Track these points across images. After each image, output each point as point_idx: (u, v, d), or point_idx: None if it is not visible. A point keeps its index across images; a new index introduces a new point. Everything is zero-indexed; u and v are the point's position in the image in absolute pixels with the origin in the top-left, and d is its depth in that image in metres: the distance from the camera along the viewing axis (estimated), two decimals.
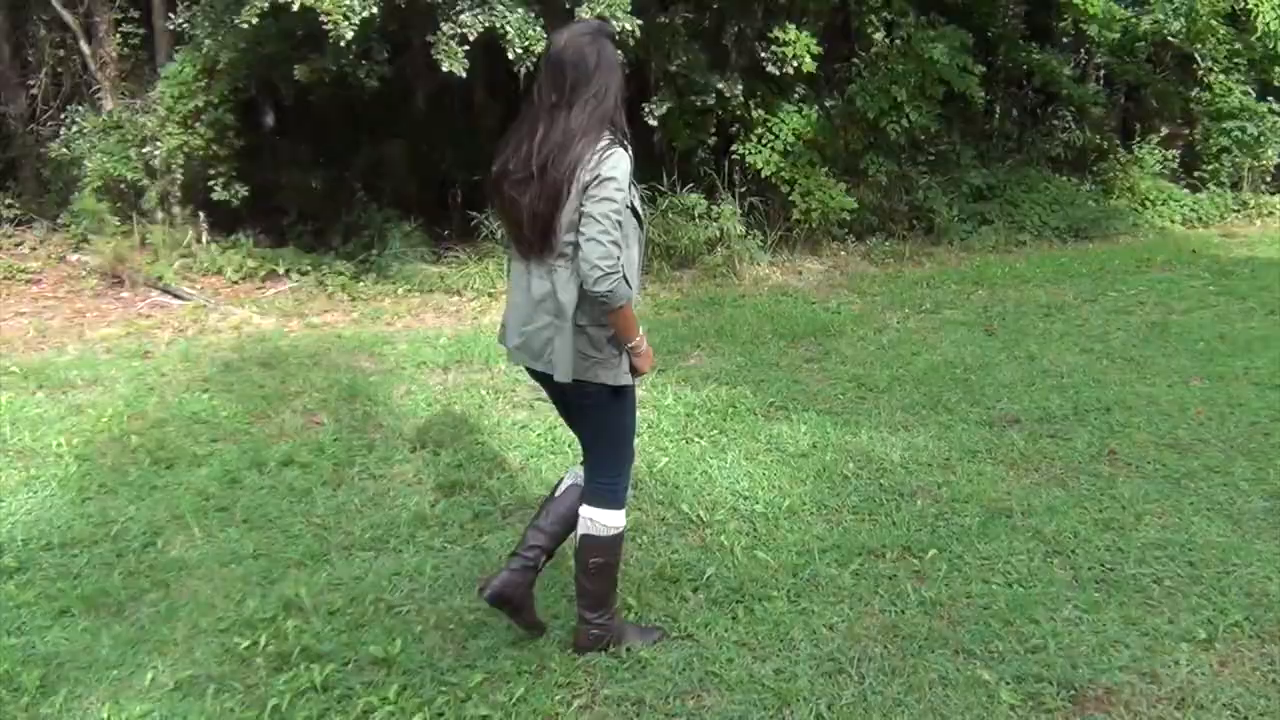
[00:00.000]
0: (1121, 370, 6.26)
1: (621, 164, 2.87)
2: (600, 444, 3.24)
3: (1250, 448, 4.99)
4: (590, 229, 2.83)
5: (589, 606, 3.30)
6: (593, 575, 3.27)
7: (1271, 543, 4.03)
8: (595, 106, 2.90)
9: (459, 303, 8.61)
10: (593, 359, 3.01)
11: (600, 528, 3.23)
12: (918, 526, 4.19)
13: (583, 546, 3.25)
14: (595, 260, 2.82)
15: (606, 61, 2.94)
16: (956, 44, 9.66)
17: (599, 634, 3.33)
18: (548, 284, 2.98)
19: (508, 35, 7.26)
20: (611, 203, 2.84)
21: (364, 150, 11.03)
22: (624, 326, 2.98)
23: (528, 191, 2.91)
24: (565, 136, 2.87)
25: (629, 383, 3.10)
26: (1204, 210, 11.78)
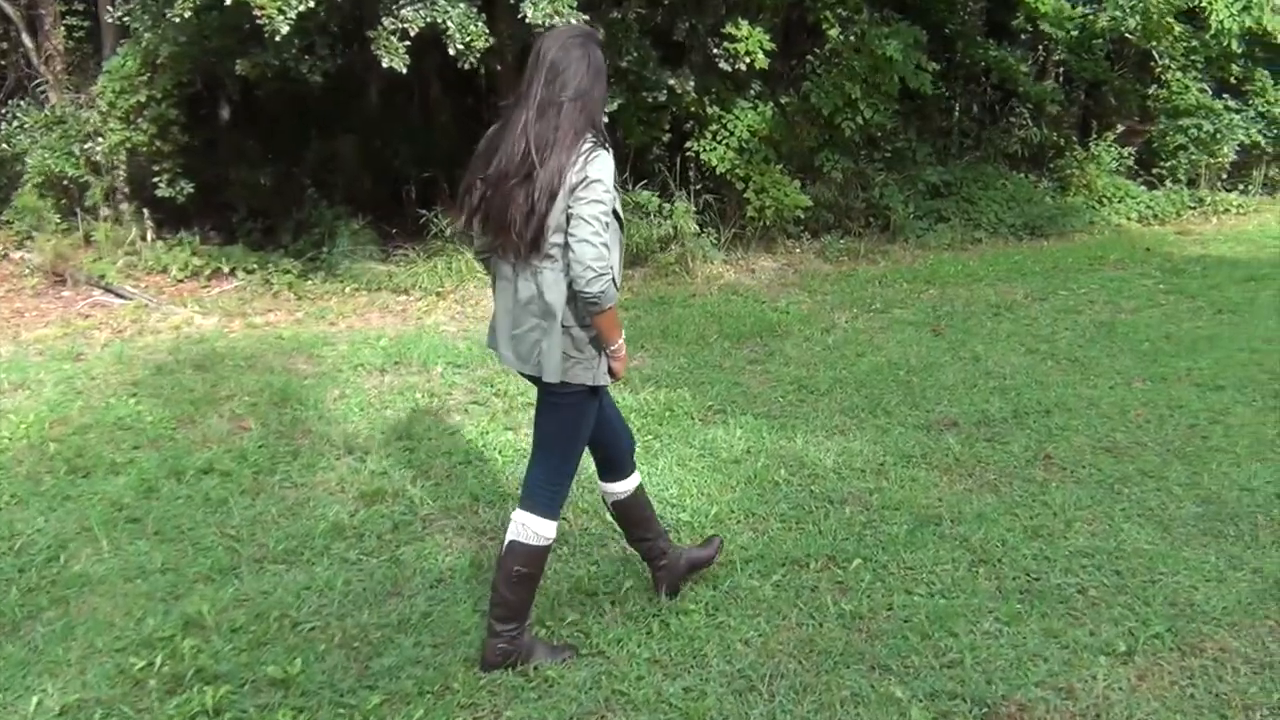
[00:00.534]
0: (1065, 371, 6.21)
1: (606, 166, 2.91)
2: (554, 447, 3.22)
3: (1187, 451, 4.94)
4: (581, 230, 2.85)
5: (502, 618, 3.23)
6: (513, 583, 3.22)
7: (1200, 550, 3.98)
8: (581, 109, 2.94)
9: (406, 302, 8.48)
10: (574, 359, 3.04)
11: (531, 535, 3.20)
12: (844, 535, 4.12)
13: (509, 551, 3.21)
14: (589, 261, 2.85)
15: (594, 66, 2.99)
16: (911, 41, 9.60)
17: (507, 649, 3.24)
18: (533, 286, 2.99)
19: (449, 30, 7.13)
20: (600, 204, 2.87)
21: (314, 146, 10.88)
22: (608, 328, 3.02)
23: (522, 191, 2.91)
24: (554, 136, 2.90)
25: (606, 383, 3.14)
26: (1160, 208, 11.78)
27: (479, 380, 6.17)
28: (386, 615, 3.57)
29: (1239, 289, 8.22)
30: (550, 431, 3.22)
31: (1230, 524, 4.19)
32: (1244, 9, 10.28)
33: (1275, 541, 4.03)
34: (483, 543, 4.13)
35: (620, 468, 3.50)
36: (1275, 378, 5.99)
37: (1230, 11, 10.24)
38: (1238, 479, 4.62)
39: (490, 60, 9.00)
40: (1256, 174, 12.81)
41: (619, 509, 3.56)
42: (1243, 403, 5.60)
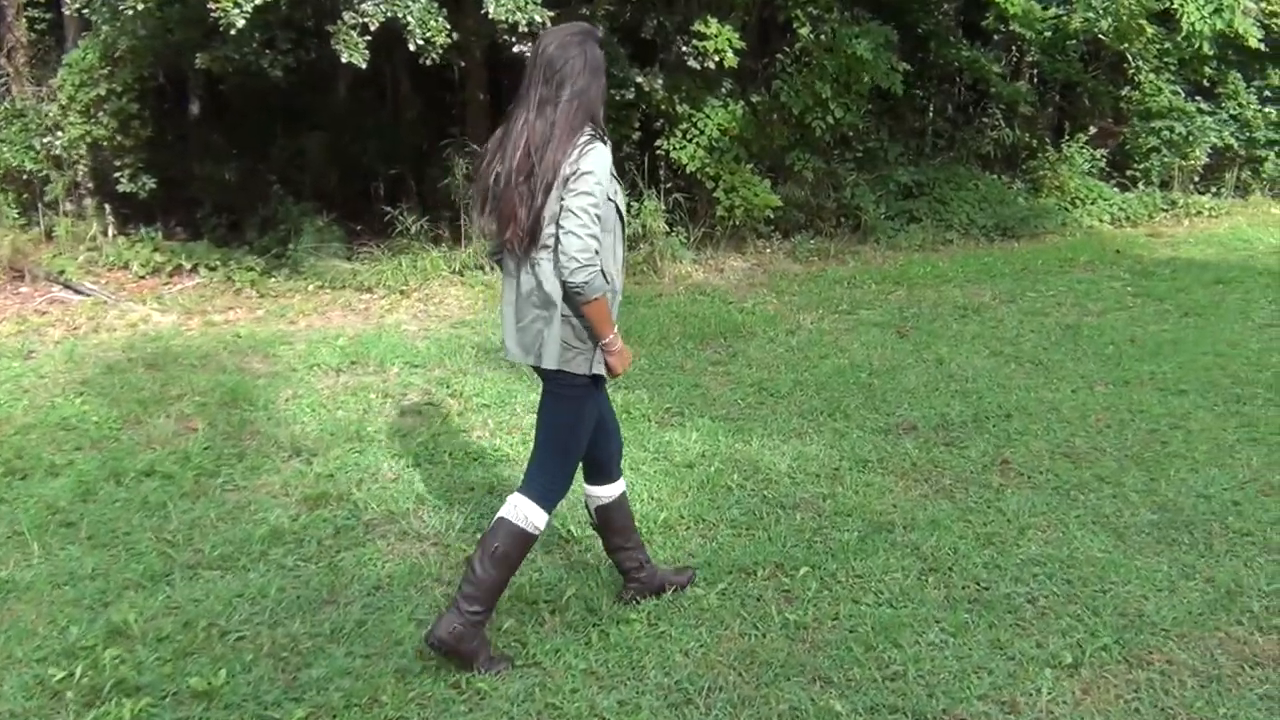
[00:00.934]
0: (1028, 375, 6.15)
1: (601, 159, 2.97)
2: (555, 439, 3.26)
3: (1145, 457, 4.89)
4: (569, 222, 2.92)
5: (469, 596, 3.17)
6: (491, 560, 3.18)
7: (1153, 558, 3.92)
8: (579, 106, 2.99)
9: (369, 300, 8.37)
10: (575, 349, 3.08)
11: (521, 517, 3.21)
12: (794, 542, 4.04)
13: (494, 528, 3.22)
14: (573, 252, 2.91)
15: (592, 63, 3.05)
16: (882, 40, 9.53)
17: (460, 631, 3.14)
18: (533, 278, 3.05)
19: (409, 26, 7.02)
20: (589, 196, 2.93)
21: (280, 142, 10.74)
22: (597, 320, 3.04)
23: (525, 188, 2.97)
24: (551, 133, 2.96)
25: (603, 372, 3.16)
26: (1132, 210, 11.76)
27: (435, 381, 6.07)
28: (319, 624, 3.48)
29: (1206, 292, 8.19)
30: (552, 423, 3.26)
31: (1185, 532, 4.13)
32: (1215, 11, 10.26)
33: (1229, 550, 3.98)
34: (424, 549, 4.03)
35: (607, 472, 3.49)
36: (1238, 382, 5.95)
37: (1201, 14, 10.21)
38: (1195, 485, 4.56)
39: (459, 57, 8.90)
40: (1229, 176, 12.80)
41: (601, 514, 3.53)
42: (1204, 407, 5.55)
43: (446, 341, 6.94)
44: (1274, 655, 3.31)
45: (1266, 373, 6.09)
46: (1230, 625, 3.47)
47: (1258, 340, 6.78)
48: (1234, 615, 3.53)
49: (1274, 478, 4.65)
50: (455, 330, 7.31)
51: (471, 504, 4.39)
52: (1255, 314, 7.50)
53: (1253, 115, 12.51)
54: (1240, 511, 4.31)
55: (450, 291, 8.53)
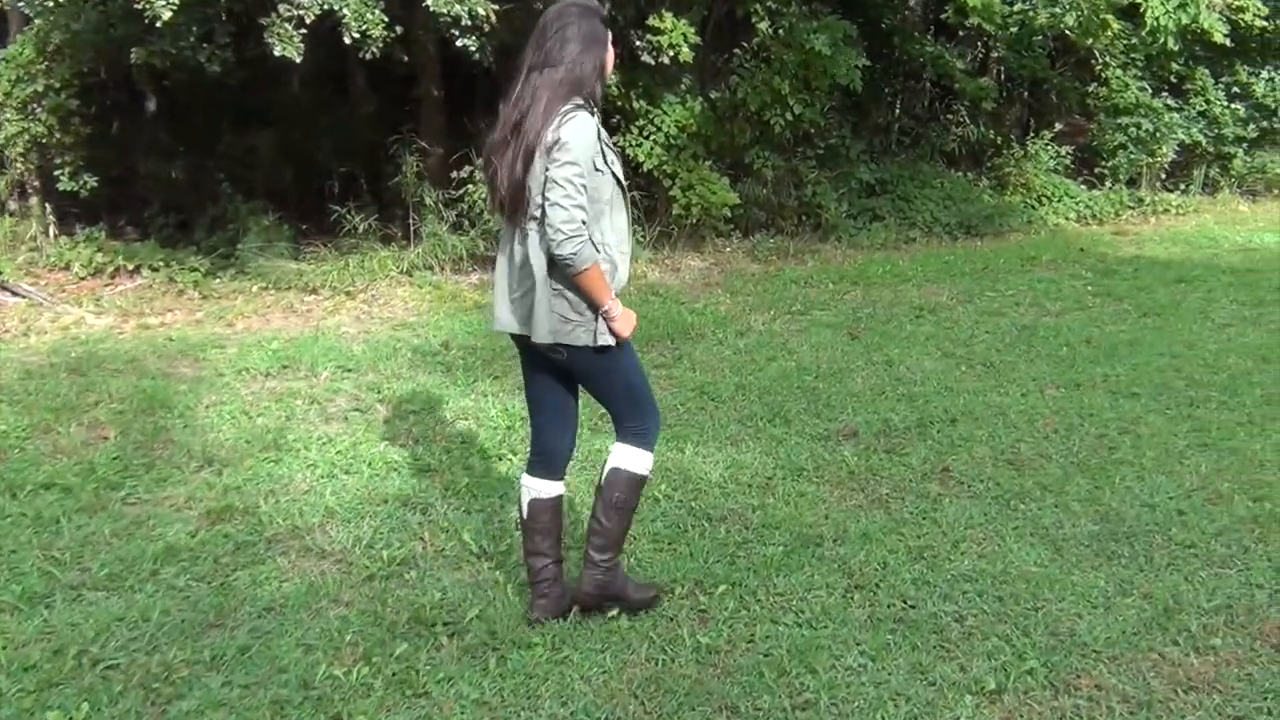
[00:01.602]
0: (978, 377, 5.98)
1: (582, 127, 2.94)
2: (616, 400, 3.28)
3: (1091, 464, 4.72)
4: (553, 193, 2.89)
5: (600, 546, 3.32)
6: (613, 510, 3.29)
7: (1090, 572, 3.74)
8: (568, 74, 2.97)
9: (313, 302, 8.14)
10: (574, 322, 3.05)
11: (632, 463, 3.27)
12: (717, 557, 3.85)
13: (609, 481, 3.28)
14: (558, 224, 2.89)
15: (588, 35, 3.03)
16: (840, 35, 9.35)
17: (603, 579, 3.33)
18: (524, 249, 3.05)
19: (345, 19, 6.80)
20: (574, 166, 2.89)
21: (228, 139, 10.49)
22: (592, 290, 3.00)
23: (510, 154, 2.97)
24: (534, 98, 2.96)
25: (610, 343, 3.11)
26: (1099, 207, 11.63)
27: (366, 386, 5.86)
28: (200, 650, 3.26)
29: (1167, 291, 8.04)
30: (603, 391, 3.29)
31: (1126, 544, 3.95)
32: (1180, 6, 10.13)
33: (1170, 564, 3.80)
34: (325, 567, 3.82)
35: (552, 467, 3.41)
36: (1192, 384, 5.79)
37: (1166, 9, 10.08)
38: (1140, 494, 4.39)
39: (405, 51, 8.67)
40: (1196, 174, 12.69)
41: (532, 509, 3.39)
42: (1156, 411, 5.39)
43: (384, 344, 6.72)
44: (1209, 678, 3.13)
45: (1222, 375, 5.93)
46: (1165, 646, 3.29)
47: (1215, 341, 6.63)
48: (1170, 635, 3.35)
49: (1222, 485, 4.48)
50: (395, 333, 7.09)
51: (382, 517, 4.18)
52: (1215, 314, 7.35)
53: (1220, 112, 12.40)
54: (1185, 522, 4.13)
55: (397, 293, 8.31)
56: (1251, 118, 12.64)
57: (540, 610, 3.39)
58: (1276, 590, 3.62)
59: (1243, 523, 4.12)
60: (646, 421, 3.30)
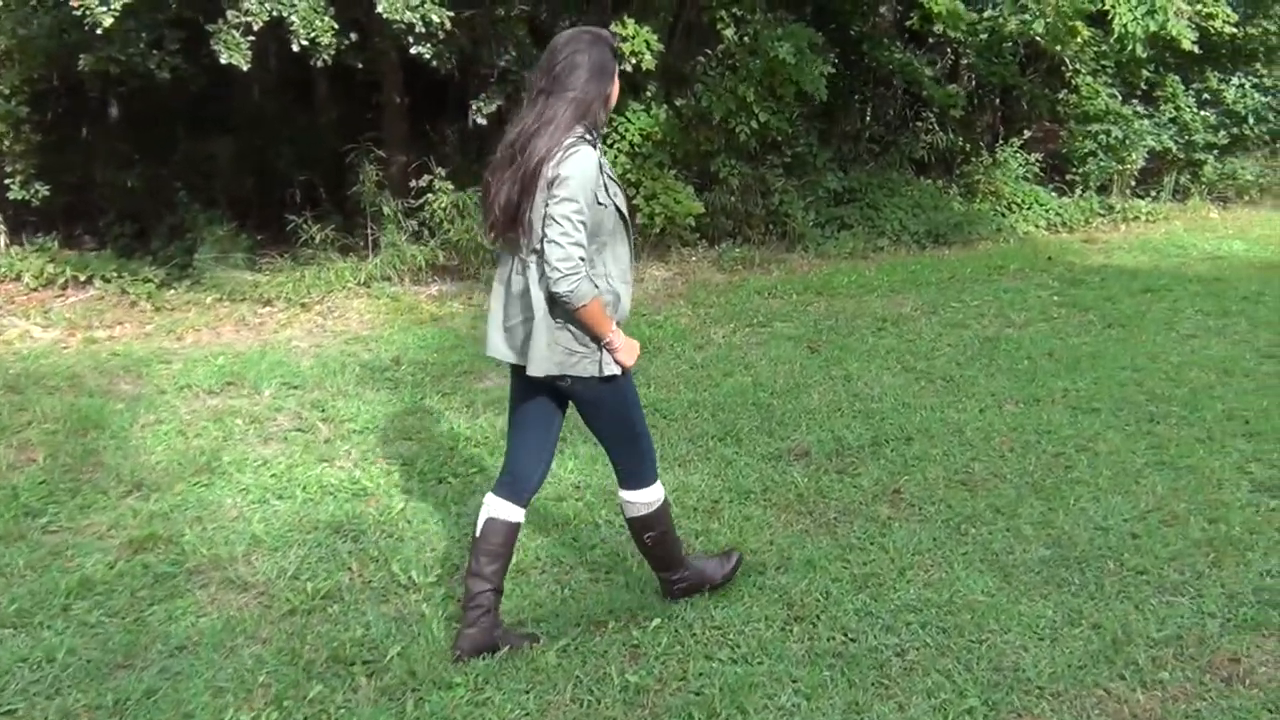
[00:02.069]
0: (937, 393, 5.87)
1: (583, 163, 2.91)
2: (617, 437, 3.31)
3: (1046, 484, 4.60)
4: (551, 230, 2.89)
5: (663, 567, 3.53)
6: (651, 549, 3.46)
7: (1039, 601, 3.62)
8: (573, 103, 2.96)
9: (266, 315, 7.97)
10: (579, 354, 3.06)
11: (640, 508, 3.36)
12: (654, 588, 3.70)
13: (633, 529, 3.43)
14: (554, 262, 2.89)
15: (597, 64, 3.02)
16: (805, 42, 9.24)
17: (684, 585, 3.56)
18: (523, 280, 3.05)
19: (293, 26, 6.64)
20: (572, 203, 2.88)
21: (184, 146, 10.31)
22: (593, 324, 3.02)
23: (505, 175, 2.97)
24: (538, 125, 2.95)
25: (616, 373, 3.14)
26: (1069, 215, 11.56)
27: (310, 403, 5.70)
28: (104, 694, 3.10)
29: (1133, 301, 7.96)
30: (607, 427, 3.30)
31: (1077, 570, 3.84)
32: (1148, 13, 10.06)
33: (1121, 591, 3.69)
34: (245, 600, 3.67)
35: (518, 491, 3.35)
36: (1153, 398, 5.70)
37: (1134, 15, 10.01)
38: (1094, 516, 4.28)
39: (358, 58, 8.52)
40: (1167, 180, 12.65)
41: (487, 528, 3.30)
42: (1115, 427, 5.28)
43: (334, 359, 6.56)
44: (1155, 715, 3.02)
45: (1183, 389, 5.84)
46: (1111, 680, 3.17)
47: (1179, 353, 6.53)
48: (1117, 668, 3.23)
49: (1178, 506, 4.37)
50: (347, 347, 6.94)
51: (310, 546, 4.03)
52: (1180, 325, 7.26)
53: (1191, 119, 12.36)
54: (1138, 545, 4.02)
55: (353, 305, 8.15)
56: (1222, 124, 12.61)
57: (466, 641, 3.25)
58: (1229, 619, 3.51)
59: (1197, 546, 4.01)
60: (643, 460, 3.34)
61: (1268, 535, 4.11)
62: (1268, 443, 5.05)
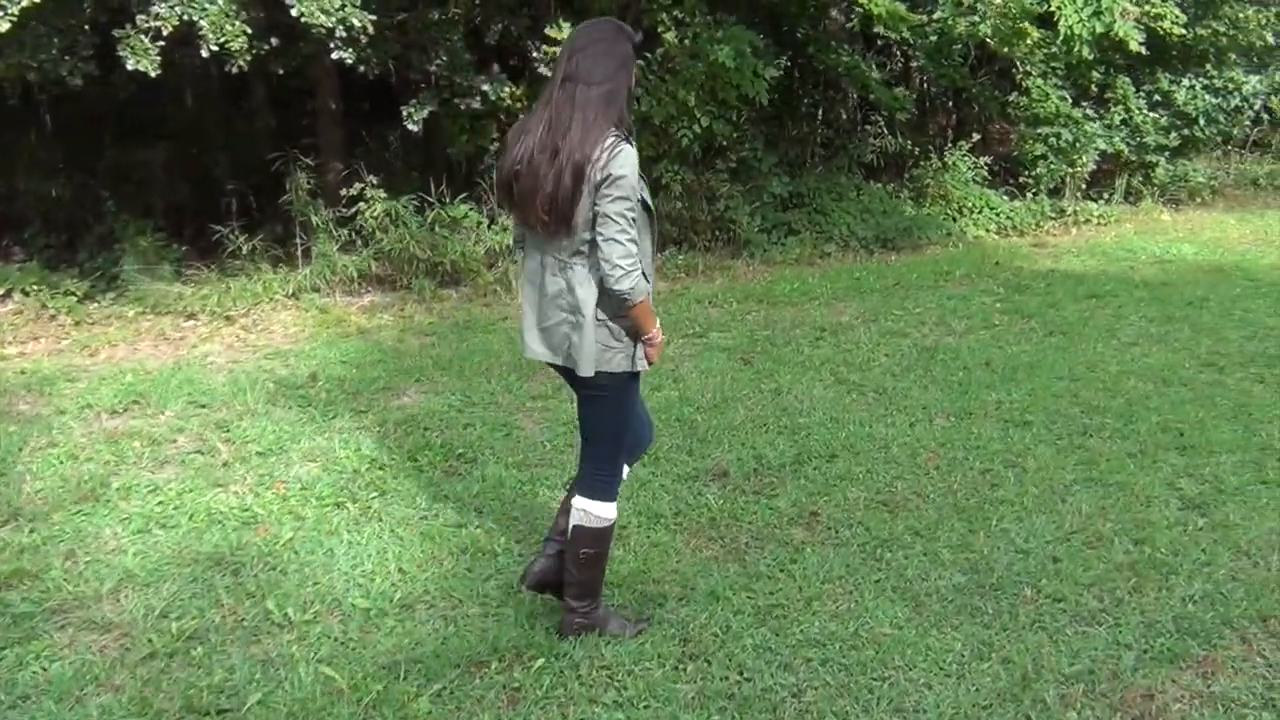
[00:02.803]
0: (868, 406, 5.69)
1: (630, 161, 2.93)
2: (601, 434, 3.29)
3: (969, 504, 4.43)
4: (609, 229, 2.91)
5: (577, 595, 3.37)
6: (582, 565, 3.34)
7: (949, 633, 3.44)
8: (604, 95, 2.95)
9: (189, 328, 7.70)
10: (613, 349, 3.09)
11: (593, 519, 3.30)
12: (546, 623, 3.50)
13: (574, 537, 3.31)
14: (616, 260, 2.92)
15: (622, 56, 3.03)
16: (746, 45, 9.06)
17: (584, 623, 3.39)
18: (562, 281, 3.05)
19: (202, 30, 6.39)
20: (626, 201, 2.92)
21: (111, 154, 10.01)
22: (643, 320, 3.07)
23: (551, 169, 2.93)
24: (575, 114, 2.93)
25: (644, 368, 3.20)
26: (1020, 218, 11.42)
27: (214, 424, 5.45)
28: None
29: (1077, 307, 7.81)
30: (597, 425, 3.29)
31: (991, 598, 3.66)
32: (1095, 14, 9.94)
33: (1036, 620, 3.51)
34: (105, 643, 3.43)
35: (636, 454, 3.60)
36: (1088, 410, 5.54)
37: (1080, 16, 9.89)
38: (1016, 538, 4.11)
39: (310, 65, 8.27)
40: (1119, 183, 12.56)
41: None
42: (1046, 441, 5.12)
43: (249, 375, 6.31)
44: None
45: (1119, 400, 5.69)
46: None
47: (1118, 362, 6.39)
48: (1023, 708, 3.06)
49: (1104, 526, 4.21)
50: (266, 362, 6.69)
51: (185, 581, 3.79)
52: (1122, 331, 7.12)
53: (1142, 120, 12.27)
54: (1058, 570, 3.85)
55: (278, 317, 7.89)
56: (1173, 126, 12.53)
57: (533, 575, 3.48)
58: (1144, 650, 3.34)
59: (1119, 570, 3.85)
60: (615, 471, 3.34)
61: (1193, 557, 3.95)
62: (1200, 456, 4.90)
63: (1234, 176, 14.35)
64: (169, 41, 6.57)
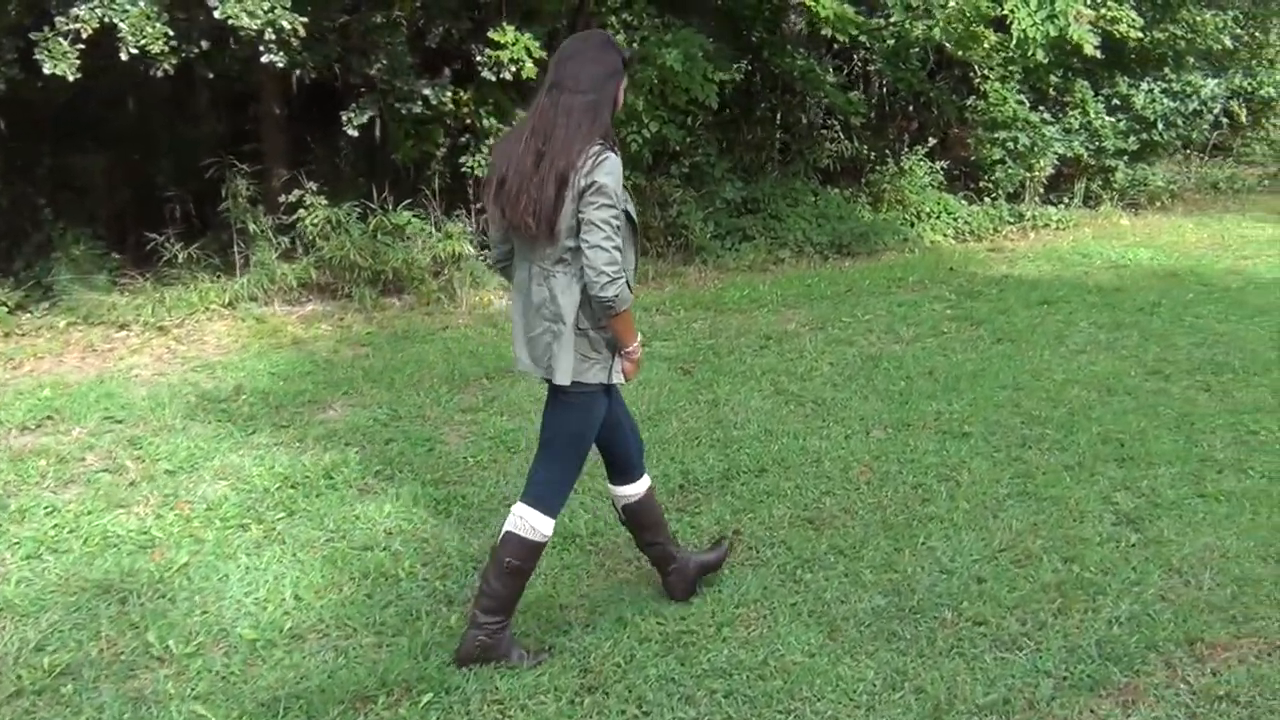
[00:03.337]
0: (805, 417, 5.54)
1: (615, 169, 2.92)
2: (561, 446, 3.24)
3: (898, 521, 4.28)
4: (593, 236, 2.89)
5: (487, 609, 3.22)
6: (504, 575, 3.21)
7: (861, 660, 3.29)
8: (590, 106, 2.94)
9: (120, 340, 7.48)
10: (591, 360, 3.08)
11: (528, 529, 3.20)
12: (440, 652, 3.33)
13: (504, 542, 3.21)
14: (601, 267, 2.89)
15: (610, 67, 3.03)
16: (696, 49, 8.92)
17: (486, 642, 3.22)
18: (545, 290, 3.03)
19: (121, 33, 6.19)
20: (611, 208, 2.90)
21: (50, 161, 9.76)
22: (623, 330, 3.07)
23: (536, 176, 2.92)
24: (559, 118, 2.93)
25: (619, 381, 3.18)
26: (978, 223, 11.34)
27: (127, 440, 5.25)
28: None
29: (1028, 314, 7.70)
30: (558, 431, 3.23)
31: (910, 622, 3.52)
32: (1048, 18, 9.86)
33: (954, 647, 3.37)
34: None
35: (630, 470, 3.47)
36: (1029, 421, 5.42)
37: (1033, 20, 9.81)
38: (942, 556, 3.97)
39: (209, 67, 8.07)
40: (1078, 187, 12.50)
41: (629, 513, 3.52)
42: (984, 453, 4.99)
43: (172, 389, 6.11)
44: None
45: (1061, 410, 5.57)
46: None
47: (1063, 370, 6.27)
48: None
49: (1033, 543, 4.07)
50: (193, 374, 6.49)
51: (68, 609, 3.60)
52: (1071, 338, 7.01)
53: (1101, 125, 12.21)
54: (982, 591, 3.71)
55: (212, 327, 7.69)
56: (1132, 130, 12.48)
57: (675, 588, 3.61)
58: (1064, 677, 3.21)
59: (1046, 590, 3.71)
60: (564, 488, 3.28)
61: (1122, 575, 3.82)
62: (1139, 468, 4.78)
63: (1194, 180, 14.34)
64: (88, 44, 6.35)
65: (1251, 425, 5.29)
